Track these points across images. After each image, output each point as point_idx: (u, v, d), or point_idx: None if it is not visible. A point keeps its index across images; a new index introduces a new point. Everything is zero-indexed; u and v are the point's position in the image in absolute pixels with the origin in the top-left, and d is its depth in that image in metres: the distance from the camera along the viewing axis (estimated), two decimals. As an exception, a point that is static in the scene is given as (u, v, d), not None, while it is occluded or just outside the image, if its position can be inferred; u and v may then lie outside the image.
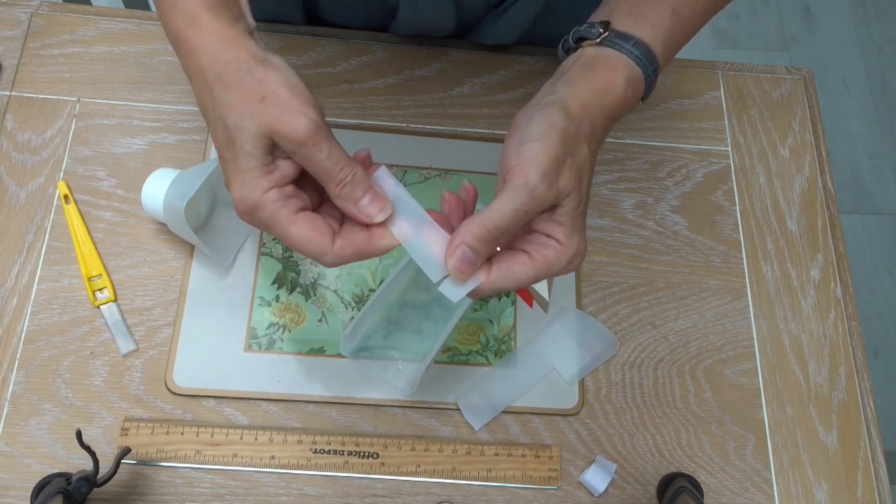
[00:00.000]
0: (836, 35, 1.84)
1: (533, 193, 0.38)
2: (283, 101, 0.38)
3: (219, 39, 0.40)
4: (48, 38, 0.65)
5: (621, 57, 0.44)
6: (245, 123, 0.38)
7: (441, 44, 0.69)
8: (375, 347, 0.57)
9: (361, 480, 0.54)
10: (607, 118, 0.43)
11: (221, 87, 0.39)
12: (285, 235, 0.39)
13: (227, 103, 0.39)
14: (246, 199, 0.39)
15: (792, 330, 0.62)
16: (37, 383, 0.55)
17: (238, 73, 0.39)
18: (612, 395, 0.59)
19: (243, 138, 0.38)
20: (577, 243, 0.40)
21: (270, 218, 0.39)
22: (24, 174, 0.60)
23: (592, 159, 0.42)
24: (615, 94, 0.43)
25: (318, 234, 0.39)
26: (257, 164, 0.38)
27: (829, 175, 0.68)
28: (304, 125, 0.37)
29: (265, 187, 0.38)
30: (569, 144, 0.40)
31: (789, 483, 0.58)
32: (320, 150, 0.38)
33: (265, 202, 0.38)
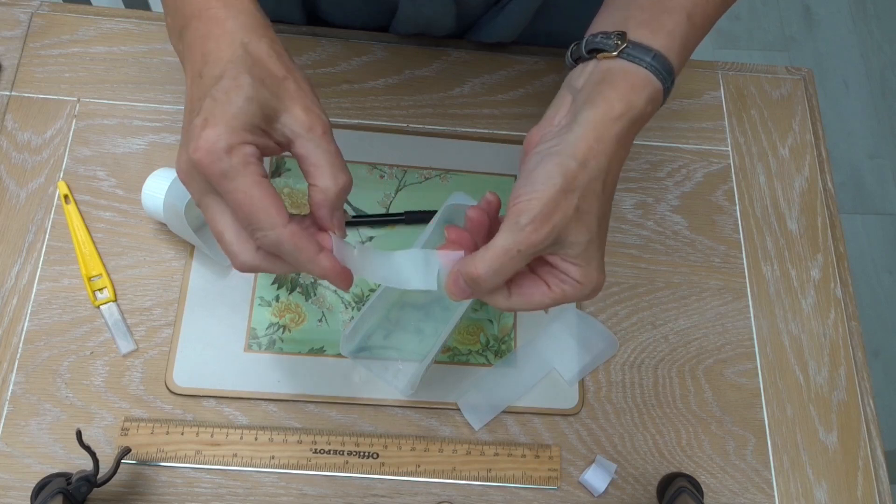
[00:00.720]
0: (836, 35, 1.84)
1: (521, 234, 0.38)
2: (303, 87, 0.38)
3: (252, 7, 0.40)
4: (48, 38, 0.65)
5: (641, 71, 0.41)
6: (260, 86, 0.37)
7: (441, 44, 0.69)
8: (375, 347, 0.57)
9: (361, 480, 0.54)
10: (629, 139, 0.42)
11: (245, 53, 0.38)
12: (244, 193, 0.36)
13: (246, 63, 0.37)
14: (221, 139, 0.36)
15: (792, 330, 0.62)
16: (37, 383, 0.55)
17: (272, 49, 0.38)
18: (612, 395, 0.59)
19: (251, 94, 0.37)
20: (593, 280, 0.41)
21: (236, 169, 0.36)
22: (24, 174, 0.60)
23: (608, 191, 0.41)
24: (634, 112, 0.41)
25: (276, 206, 0.37)
26: (249, 120, 0.36)
27: (829, 175, 0.68)
28: (317, 114, 0.38)
29: (247, 139, 0.37)
30: (573, 187, 0.39)
31: (789, 483, 0.58)
32: (329, 143, 0.38)
33: (240, 151, 0.36)
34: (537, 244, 0.38)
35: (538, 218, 0.38)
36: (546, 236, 0.38)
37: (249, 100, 0.37)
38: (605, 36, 0.42)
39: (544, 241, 0.38)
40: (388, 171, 0.63)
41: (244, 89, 0.37)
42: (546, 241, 0.39)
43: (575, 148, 0.39)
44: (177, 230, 0.56)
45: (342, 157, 0.39)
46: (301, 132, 0.38)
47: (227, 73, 0.37)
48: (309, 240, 0.38)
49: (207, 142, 0.36)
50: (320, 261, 0.39)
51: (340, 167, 0.39)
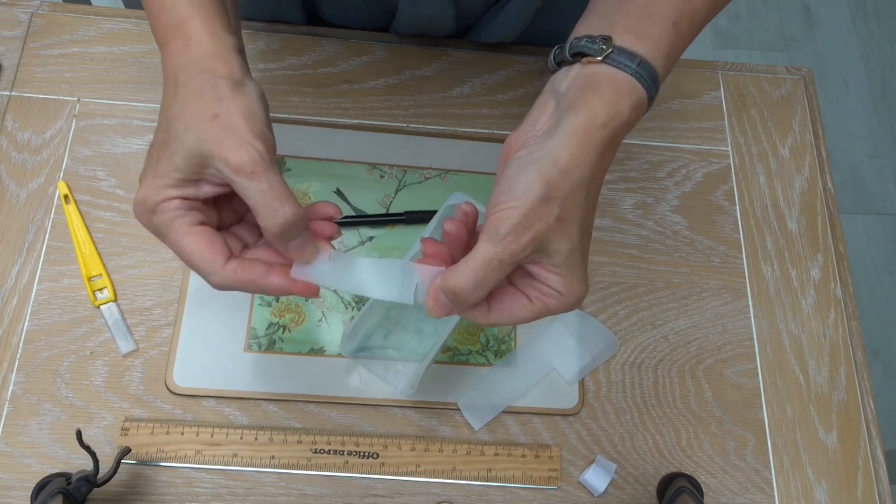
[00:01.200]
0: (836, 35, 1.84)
1: (501, 244, 0.38)
2: (233, 125, 0.37)
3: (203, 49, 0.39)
4: (48, 38, 0.65)
5: (626, 78, 0.40)
6: (187, 136, 0.37)
7: (441, 44, 0.69)
8: (375, 347, 0.57)
9: (361, 480, 0.54)
10: (613, 147, 0.41)
11: (184, 93, 0.38)
12: (177, 246, 0.38)
13: (180, 109, 0.38)
14: (147, 200, 0.38)
15: (792, 330, 0.62)
16: (37, 383, 0.55)
17: (205, 84, 0.38)
18: (612, 395, 0.59)
19: (177, 148, 0.38)
20: (576, 291, 0.40)
21: (165, 225, 0.38)
22: (24, 174, 0.60)
23: (591, 200, 0.40)
24: (619, 120, 0.40)
25: (210, 252, 0.38)
26: (176, 176, 0.38)
27: (829, 175, 0.68)
28: (244, 154, 0.37)
29: (170, 195, 0.38)
30: (554, 195, 0.38)
31: (789, 483, 0.58)
32: (259, 183, 0.37)
33: (165, 208, 0.38)
34: (518, 253, 0.38)
35: (518, 227, 0.37)
36: (526, 245, 0.38)
37: (175, 153, 0.38)
38: (590, 40, 0.41)
39: (525, 251, 0.38)
40: (388, 171, 0.63)
41: (170, 144, 0.38)
42: (527, 251, 0.38)
43: (557, 155, 0.38)
44: (177, 230, 0.56)
45: (282, 189, 0.38)
46: (230, 176, 0.37)
47: (162, 123, 0.39)
48: (251, 270, 0.39)
49: (137, 202, 0.39)
50: (271, 283, 0.40)
51: (280, 201, 0.38)
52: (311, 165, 0.63)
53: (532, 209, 0.38)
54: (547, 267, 0.39)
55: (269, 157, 0.38)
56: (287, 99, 0.65)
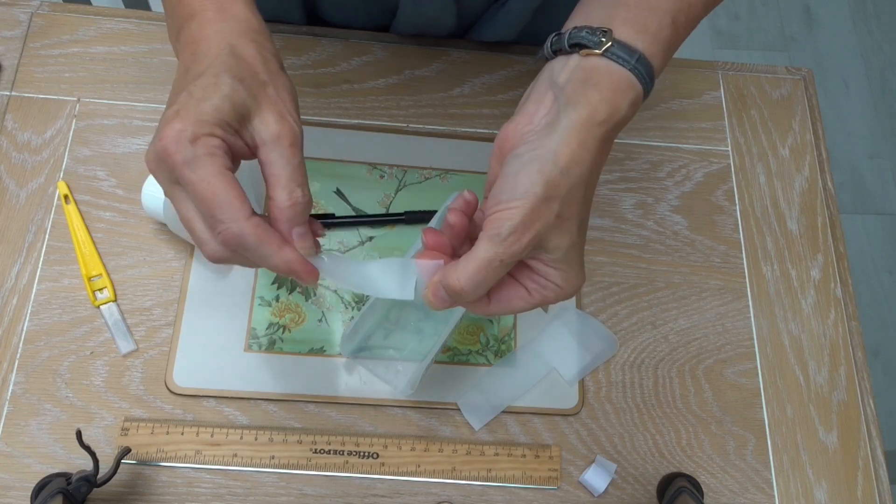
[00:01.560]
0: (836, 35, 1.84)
1: (503, 245, 0.38)
2: (282, 98, 0.38)
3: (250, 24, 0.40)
4: (48, 38, 0.65)
5: (625, 74, 0.40)
6: (239, 87, 0.37)
7: (441, 44, 0.69)
8: (375, 347, 0.57)
9: (361, 480, 0.54)
10: (610, 143, 0.42)
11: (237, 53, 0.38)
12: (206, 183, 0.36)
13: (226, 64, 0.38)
14: (186, 130, 0.36)
15: (792, 330, 0.62)
16: (37, 383, 0.55)
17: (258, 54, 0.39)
18: (612, 395, 0.59)
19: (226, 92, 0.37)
20: (574, 283, 0.41)
21: (200, 158, 0.36)
22: (24, 174, 0.60)
23: (588, 196, 0.41)
24: (617, 117, 0.40)
25: (239, 199, 0.36)
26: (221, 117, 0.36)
27: (829, 175, 0.68)
28: (288, 124, 0.38)
29: (214, 132, 0.36)
30: (554, 194, 0.38)
31: (789, 483, 0.58)
32: (294, 156, 0.37)
33: (206, 142, 0.36)
34: (519, 253, 0.38)
35: (519, 228, 0.38)
36: (527, 245, 0.38)
37: (224, 98, 0.37)
38: (590, 31, 0.40)
39: (525, 250, 0.38)
40: (388, 171, 0.63)
41: (221, 88, 0.37)
42: (527, 250, 0.38)
43: (557, 154, 0.38)
44: (177, 230, 0.56)
45: (304, 174, 0.39)
46: (268, 139, 0.37)
47: (209, 70, 0.38)
48: (272, 232, 0.38)
49: (174, 130, 0.36)
50: (284, 254, 0.38)
51: (299, 182, 0.38)
52: (311, 165, 0.62)
53: (533, 209, 0.38)
54: (546, 262, 0.40)
55: (302, 136, 0.39)
56: (287, 99, 0.65)
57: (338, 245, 0.60)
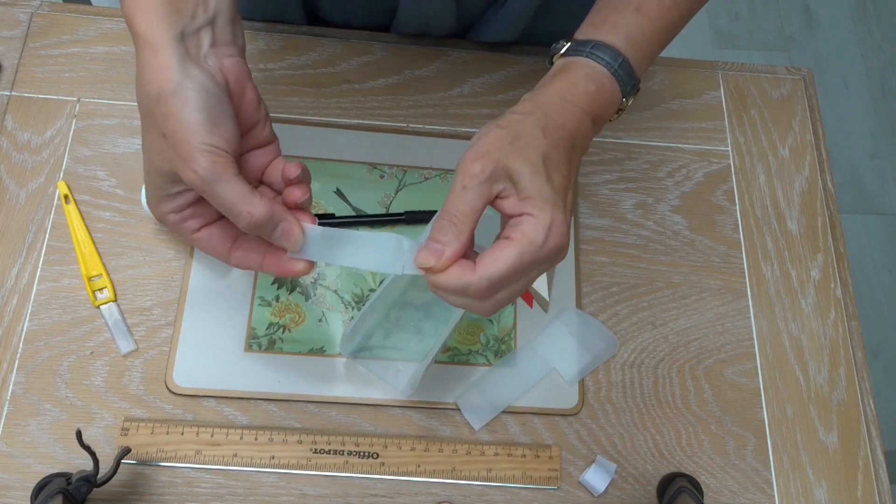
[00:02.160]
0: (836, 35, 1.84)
1: (461, 172, 0.40)
2: (180, 142, 0.38)
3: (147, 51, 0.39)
4: (48, 38, 0.65)
5: (581, 59, 0.46)
6: (154, 157, 0.40)
7: (441, 44, 0.69)
8: (375, 347, 0.57)
9: (361, 480, 0.54)
10: (573, 108, 0.44)
11: (142, 112, 0.40)
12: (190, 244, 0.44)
13: (145, 129, 0.40)
14: (153, 209, 0.42)
15: (792, 330, 0.62)
16: (37, 383, 0.55)
17: (149, 101, 0.39)
18: (612, 395, 0.59)
19: (150, 168, 0.40)
20: (550, 213, 0.40)
21: (174, 230, 0.43)
22: (24, 174, 0.60)
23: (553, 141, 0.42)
24: (576, 90, 0.44)
25: (215, 251, 0.43)
26: (159, 193, 0.41)
27: (829, 175, 0.68)
28: (191, 176, 0.38)
29: (165, 210, 0.42)
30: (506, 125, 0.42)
31: (789, 483, 0.58)
32: (213, 198, 0.39)
33: (166, 221, 0.42)
34: (478, 174, 0.40)
35: (473, 154, 0.41)
36: (483, 166, 0.40)
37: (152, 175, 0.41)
38: (556, 43, 0.48)
39: (484, 171, 0.40)
40: (388, 171, 0.63)
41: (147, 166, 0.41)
42: (485, 171, 0.40)
43: (511, 109, 0.43)
44: (177, 230, 0.56)
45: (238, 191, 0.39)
46: (194, 188, 0.39)
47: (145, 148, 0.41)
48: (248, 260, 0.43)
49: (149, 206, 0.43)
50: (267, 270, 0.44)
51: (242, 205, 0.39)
52: (311, 165, 0.62)
53: (485, 140, 0.41)
54: (516, 196, 0.41)
55: (214, 170, 0.38)
56: (287, 99, 0.65)
57: (338, 245, 0.60)
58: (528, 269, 0.40)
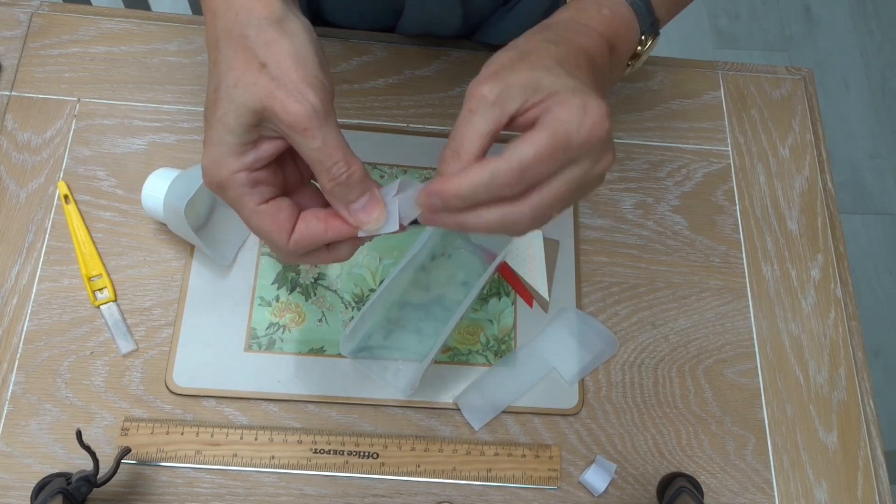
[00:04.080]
0: (836, 35, 1.84)
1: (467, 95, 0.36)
2: (284, 74, 0.34)
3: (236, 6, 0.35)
4: (48, 38, 0.65)
5: None
6: (237, 92, 0.35)
7: (441, 44, 0.69)
8: (375, 347, 0.57)
9: (361, 480, 0.54)
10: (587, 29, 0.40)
11: (226, 41, 0.35)
12: (245, 221, 0.37)
13: (226, 61, 0.35)
14: (211, 174, 0.36)
15: (792, 330, 0.62)
16: (37, 383, 0.55)
17: (246, 28, 0.35)
18: (612, 395, 0.59)
19: (228, 107, 0.35)
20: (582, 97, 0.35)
21: (233, 201, 0.37)
22: (24, 174, 0.60)
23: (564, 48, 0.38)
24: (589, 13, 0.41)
25: (277, 230, 0.37)
26: (232, 140, 0.35)
27: (829, 175, 0.68)
28: (299, 107, 0.34)
29: (234, 168, 0.36)
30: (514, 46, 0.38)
31: (789, 483, 0.58)
32: (313, 140, 0.34)
33: (231, 184, 0.36)
34: (486, 95, 0.35)
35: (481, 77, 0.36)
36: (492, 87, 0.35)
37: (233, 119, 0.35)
38: None
39: (492, 91, 0.35)
40: (388, 171, 0.63)
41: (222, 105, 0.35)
42: (494, 91, 0.35)
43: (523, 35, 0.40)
44: (177, 230, 0.56)
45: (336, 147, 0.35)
46: (284, 131, 0.35)
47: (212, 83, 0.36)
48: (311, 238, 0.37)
49: (204, 173, 0.37)
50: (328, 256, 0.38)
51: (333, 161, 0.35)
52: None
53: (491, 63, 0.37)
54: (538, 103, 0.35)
55: (324, 107, 0.35)
56: (287, 99, 0.65)
57: (338, 245, 0.60)
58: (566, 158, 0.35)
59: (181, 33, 0.66)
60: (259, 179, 0.37)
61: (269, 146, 0.36)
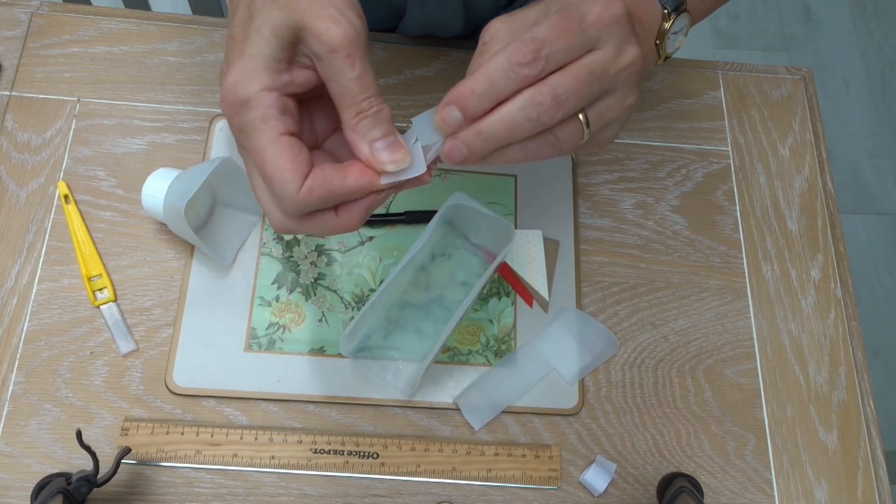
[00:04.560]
0: (836, 35, 1.84)
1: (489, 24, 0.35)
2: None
3: None
4: (48, 38, 0.65)
5: None
6: (275, 6, 0.32)
7: (441, 43, 0.69)
8: (375, 347, 0.57)
9: (361, 480, 0.54)
10: None
11: None
12: (258, 154, 0.33)
13: None
14: (238, 88, 0.33)
15: (792, 330, 0.62)
16: (37, 383, 0.55)
17: None
18: (612, 395, 0.59)
19: (265, 20, 0.32)
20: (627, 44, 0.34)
21: (252, 124, 0.33)
22: (24, 174, 0.60)
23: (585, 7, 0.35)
24: None
25: (292, 168, 0.33)
26: (269, 52, 0.33)
27: (829, 175, 0.68)
28: (341, 30, 0.32)
29: (265, 84, 0.33)
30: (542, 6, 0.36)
31: (789, 483, 0.58)
32: (351, 66, 0.32)
33: (257, 102, 0.33)
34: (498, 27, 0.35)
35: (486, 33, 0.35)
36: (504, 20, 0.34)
37: (269, 31, 0.33)
38: None
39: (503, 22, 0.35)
40: (388, 171, 0.63)
41: (258, 19, 0.33)
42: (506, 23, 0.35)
43: None
44: (177, 230, 0.56)
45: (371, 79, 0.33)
46: (322, 54, 0.32)
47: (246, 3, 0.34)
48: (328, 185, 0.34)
49: (227, 90, 0.33)
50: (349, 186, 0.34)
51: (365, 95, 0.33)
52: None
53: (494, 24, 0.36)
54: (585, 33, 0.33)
55: (364, 32, 0.33)
56: (287, 99, 0.65)
57: (338, 245, 0.60)
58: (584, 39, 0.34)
59: (181, 33, 0.66)
60: (286, 109, 0.34)
61: (301, 75, 0.34)
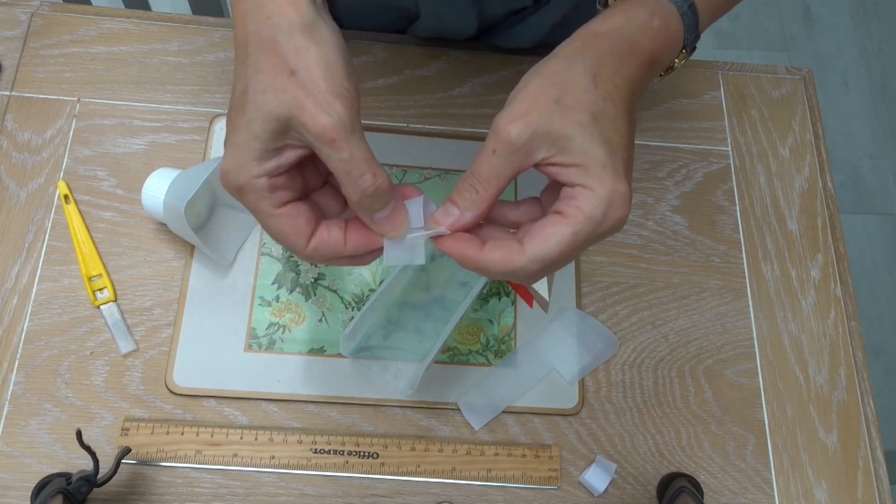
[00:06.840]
0: (836, 35, 1.84)
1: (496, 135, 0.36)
2: (313, 82, 0.34)
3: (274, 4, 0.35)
4: (48, 38, 0.65)
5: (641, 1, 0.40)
6: (265, 98, 0.34)
7: (442, 44, 0.69)
8: (375, 347, 0.57)
9: (361, 480, 0.54)
10: (631, 48, 0.38)
11: (256, 43, 0.35)
12: (262, 225, 0.37)
13: (255, 64, 0.35)
14: (231, 177, 0.36)
15: (792, 330, 0.62)
16: (37, 383, 0.55)
17: (276, 31, 0.34)
18: (612, 395, 0.59)
19: (255, 114, 0.34)
20: (609, 184, 0.35)
21: (251, 205, 0.37)
22: (24, 174, 0.60)
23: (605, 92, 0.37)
24: (637, 22, 0.38)
25: (294, 234, 0.37)
26: (257, 146, 0.35)
27: (829, 175, 0.68)
28: (326, 120, 0.34)
29: (254, 174, 0.35)
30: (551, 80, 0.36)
31: (789, 483, 0.58)
32: (340, 151, 0.34)
33: (250, 189, 0.36)
34: (513, 141, 0.35)
35: (511, 113, 0.35)
36: (520, 132, 0.35)
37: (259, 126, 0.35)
38: None
39: (519, 137, 0.35)
40: (389, 171, 0.63)
41: (249, 111, 0.35)
42: (521, 138, 0.35)
43: (558, 49, 0.38)
44: (177, 230, 0.56)
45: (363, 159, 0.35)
46: (310, 140, 0.35)
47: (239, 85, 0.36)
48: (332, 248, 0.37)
49: (223, 176, 0.36)
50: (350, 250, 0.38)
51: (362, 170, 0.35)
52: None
53: (524, 96, 0.36)
54: (565, 165, 0.35)
55: (351, 118, 0.35)
56: (287, 99, 0.65)
57: (338, 245, 0.60)
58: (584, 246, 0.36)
59: (181, 33, 0.66)
60: (278, 184, 0.36)
61: (291, 154, 0.36)
